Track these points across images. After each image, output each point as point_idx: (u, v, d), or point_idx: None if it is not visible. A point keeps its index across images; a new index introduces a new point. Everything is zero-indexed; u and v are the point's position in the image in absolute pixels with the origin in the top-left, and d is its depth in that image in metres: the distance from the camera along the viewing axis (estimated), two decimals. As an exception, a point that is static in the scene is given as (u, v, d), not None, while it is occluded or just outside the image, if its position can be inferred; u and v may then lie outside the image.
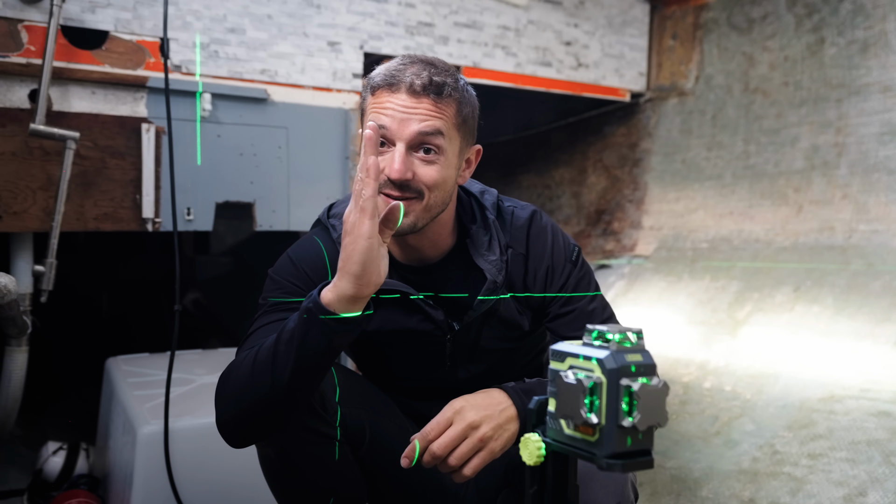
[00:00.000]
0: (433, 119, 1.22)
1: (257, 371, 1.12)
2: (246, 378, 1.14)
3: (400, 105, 1.21)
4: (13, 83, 2.05)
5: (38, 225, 2.09)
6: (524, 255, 1.36)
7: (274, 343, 1.12)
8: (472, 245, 1.33)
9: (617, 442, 0.77)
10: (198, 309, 3.82)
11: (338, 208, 1.42)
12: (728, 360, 2.60)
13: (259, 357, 1.13)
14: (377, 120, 1.22)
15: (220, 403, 1.20)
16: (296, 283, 1.32)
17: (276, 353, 1.11)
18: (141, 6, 2.19)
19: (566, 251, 1.37)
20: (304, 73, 2.49)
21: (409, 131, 1.21)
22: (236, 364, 1.19)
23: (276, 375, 1.11)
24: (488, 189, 1.42)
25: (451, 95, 1.25)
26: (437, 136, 1.22)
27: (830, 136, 2.79)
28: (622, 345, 0.79)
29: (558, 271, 1.36)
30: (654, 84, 3.47)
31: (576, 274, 1.37)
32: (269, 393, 1.12)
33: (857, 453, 1.98)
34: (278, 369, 1.10)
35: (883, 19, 2.66)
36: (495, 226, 1.34)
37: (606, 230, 3.58)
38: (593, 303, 1.37)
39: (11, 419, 2.26)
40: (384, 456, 1.35)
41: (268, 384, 1.11)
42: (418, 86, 1.21)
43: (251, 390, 1.13)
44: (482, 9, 2.88)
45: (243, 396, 1.15)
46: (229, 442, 1.21)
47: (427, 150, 1.22)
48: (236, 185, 2.40)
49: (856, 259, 2.57)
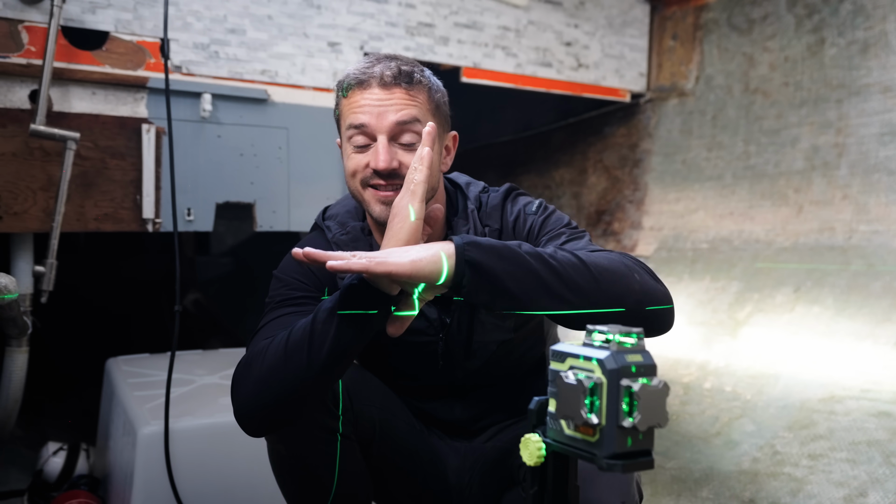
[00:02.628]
0: (408, 108, 1.25)
1: (291, 351, 1.12)
2: (277, 359, 1.13)
3: (374, 99, 1.25)
4: (13, 84, 2.05)
5: (38, 225, 2.09)
6: (499, 230, 1.36)
7: (310, 323, 1.12)
8: (454, 235, 1.34)
9: (617, 442, 0.77)
10: (198, 309, 3.82)
11: (332, 210, 1.43)
12: (728, 361, 2.60)
13: (292, 338, 1.13)
14: (354, 120, 1.26)
15: (242, 389, 1.18)
16: (301, 278, 1.33)
17: (313, 331, 1.11)
18: (141, 7, 2.19)
19: (528, 207, 1.37)
20: (304, 74, 2.49)
21: (387, 122, 1.24)
22: (258, 352, 1.18)
23: (312, 351, 1.10)
24: (474, 181, 1.44)
25: (421, 82, 1.29)
26: (415, 124, 1.26)
27: (831, 137, 2.79)
28: (622, 345, 0.79)
29: (525, 226, 1.36)
30: (655, 84, 3.48)
31: (538, 220, 1.35)
32: (303, 371, 1.11)
33: (857, 454, 1.98)
34: (315, 347, 1.10)
35: (883, 20, 2.66)
36: (473, 215, 1.36)
37: (607, 231, 3.58)
38: (562, 228, 1.33)
39: (12, 420, 2.26)
40: (392, 453, 1.36)
41: (304, 362, 1.11)
42: (388, 77, 1.25)
43: (283, 370, 1.13)
44: (482, 9, 2.88)
45: (273, 377, 1.14)
46: (250, 428, 1.20)
47: (407, 142, 1.26)
48: (236, 185, 2.41)
49: (856, 259, 2.57)
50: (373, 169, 1.25)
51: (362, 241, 1.37)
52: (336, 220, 1.40)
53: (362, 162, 1.27)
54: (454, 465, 1.44)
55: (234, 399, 1.20)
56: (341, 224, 1.39)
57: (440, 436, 1.47)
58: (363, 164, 1.27)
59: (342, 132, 1.32)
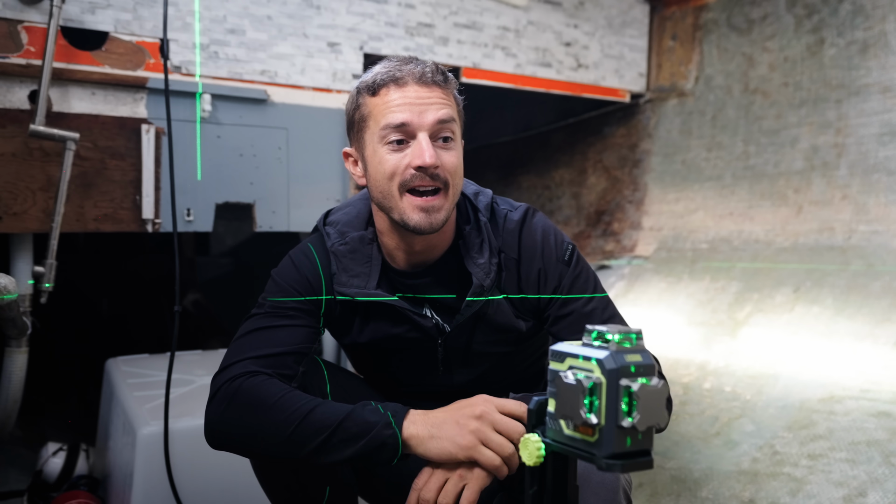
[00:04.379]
0: (446, 107, 1.24)
1: (296, 440, 1.12)
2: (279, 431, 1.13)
3: (414, 97, 1.22)
4: (13, 84, 2.05)
5: (37, 226, 2.09)
6: (516, 260, 1.33)
7: (330, 431, 1.11)
8: (465, 247, 1.32)
9: (616, 442, 0.77)
10: (198, 310, 3.82)
11: (334, 216, 1.41)
12: (728, 361, 2.60)
13: (304, 427, 1.12)
14: (393, 119, 1.21)
15: (228, 415, 1.18)
16: (297, 287, 1.32)
17: (328, 442, 1.11)
18: (141, 7, 2.19)
19: (557, 251, 1.33)
20: (303, 74, 2.49)
21: (429, 120, 1.22)
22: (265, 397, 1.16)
23: (315, 454, 1.12)
24: (483, 190, 1.41)
25: (451, 82, 1.28)
26: (452, 123, 1.25)
27: (830, 137, 2.79)
28: (622, 345, 0.79)
29: (550, 273, 1.32)
30: (654, 85, 3.48)
31: (570, 274, 1.33)
32: (293, 457, 1.14)
33: (856, 454, 1.98)
34: (322, 454, 1.12)
35: (882, 20, 2.66)
36: (487, 228, 1.33)
37: (606, 231, 3.58)
38: (591, 303, 1.32)
39: (11, 420, 2.25)
40: None
41: (300, 454, 1.13)
42: (427, 75, 1.23)
43: (278, 444, 1.14)
44: (482, 10, 2.88)
45: (263, 440, 1.15)
46: (211, 445, 1.22)
47: (445, 139, 1.24)
48: (236, 185, 2.41)
49: (855, 260, 2.57)
50: (416, 167, 1.20)
51: (360, 252, 1.34)
52: (336, 227, 1.37)
53: (402, 163, 1.22)
54: None
55: (214, 412, 1.20)
56: (341, 233, 1.36)
57: None
58: (403, 164, 1.22)
59: (370, 133, 1.26)
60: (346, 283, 1.32)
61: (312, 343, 1.31)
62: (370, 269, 1.33)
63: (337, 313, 1.35)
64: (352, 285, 1.31)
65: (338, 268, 1.32)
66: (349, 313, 1.35)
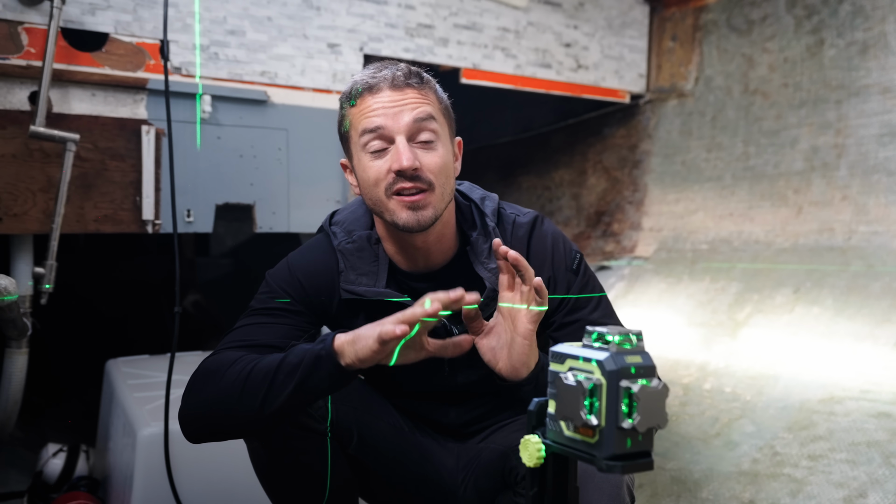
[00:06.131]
0: (423, 105, 1.25)
1: (248, 390, 1.13)
2: (232, 390, 1.15)
3: (387, 101, 1.23)
4: (13, 85, 2.05)
5: (38, 227, 2.09)
6: None
7: (274, 370, 1.12)
8: (473, 252, 1.33)
9: (617, 443, 0.77)
10: (198, 311, 3.82)
11: (340, 216, 1.42)
12: (728, 362, 2.60)
13: (253, 377, 1.14)
14: (369, 124, 1.23)
15: (191, 399, 1.20)
16: (287, 289, 1.33)
17: (274, 381, 1.12)
18: (141, 8, 2.19)
19: (567, 260, 1.36)
20: (303, 75, 2.49)
21: (404, 122, 1.23)
22: (219, 367, 1.19)
23: (266, 400, 1.12)
24: (489, 195, 1.42)
25: (429, 83, 1.29)
26: (431, 121, 1.25)
27: (830, 138, 2.79)
28: (622, 346, 0.79)
29: (560, 281, 1.35)
30: (654, 86, 3.48)
31: (578, 283, 1.35)
32: (253, 412, 1.13)
33: (857, 455, 1.98)
34: (271, 396, 1.12)
35: (882, 21, 2.66)
36: (495, 233, 1.34)
37: (606, 231, 3.58)
38: (596, 312, 1.35)
39: (11, 421, 2.25)
40: (374, 455, 1.35)
41: (255, 406, 1.12)
42: (399, 78, 1.25)
43: (236, 403, 1.14)
44: (482, 10, 2.88)
45: (222, 405, 1.16)
46: (186, 435, 1.23)
47: (425, 140, 1.24)
48: (236, 186, 2.41)
49: (855, 260, 2.57)
50: (395, 171, 1.22)
51: (368, 251, 1.35)
52: (342, 226, 1.38)
53: (383, 168, 1.23)
54: (449, 465, 1.44)
55: (182, 402, 1.21)
56: (347, 232, 1.37)
57: (433, 436, 1.46)
58: (384, 170, 1.23)
59: (353, 143, 1.28)
60: (354, 281, 1.32)
61: (295, 340, 1.31)
62: (378, 268, 1.34)
63: (337, 312, 1.35)
64: (360, 283, 1.32)
65: (345, 266, 1.33)
66: (352, 312, 1.36)
